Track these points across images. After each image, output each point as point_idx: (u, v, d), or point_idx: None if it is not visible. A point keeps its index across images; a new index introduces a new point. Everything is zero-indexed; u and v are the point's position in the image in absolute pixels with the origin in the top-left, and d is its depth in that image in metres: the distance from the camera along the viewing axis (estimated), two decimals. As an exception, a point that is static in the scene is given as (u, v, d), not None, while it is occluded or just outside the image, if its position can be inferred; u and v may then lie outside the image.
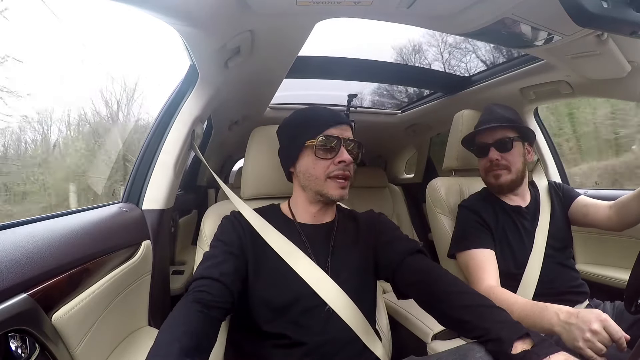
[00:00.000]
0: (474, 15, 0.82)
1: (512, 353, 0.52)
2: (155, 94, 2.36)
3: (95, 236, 0.75)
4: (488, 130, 1.09)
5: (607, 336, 0.61)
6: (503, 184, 1.08)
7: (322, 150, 0.75)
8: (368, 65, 1.56)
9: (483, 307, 0.61)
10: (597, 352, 0.60)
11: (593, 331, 0.61)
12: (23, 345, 0.49)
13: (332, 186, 0.75)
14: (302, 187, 0.80)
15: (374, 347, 0.74)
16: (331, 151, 0.75)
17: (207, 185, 2.71)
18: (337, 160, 0.74)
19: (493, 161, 1.07)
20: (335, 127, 0.76)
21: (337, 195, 0.75)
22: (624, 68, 1.05)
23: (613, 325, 0.61)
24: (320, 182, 0.75)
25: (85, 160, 2.35)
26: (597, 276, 1.33)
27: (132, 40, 2.04)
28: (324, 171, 0.75)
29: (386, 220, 0.87)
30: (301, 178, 0.79)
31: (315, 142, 0.75)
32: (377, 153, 2.90)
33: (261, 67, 1.15)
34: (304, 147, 0.77)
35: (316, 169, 0.75)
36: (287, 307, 0.71)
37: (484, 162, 1.11)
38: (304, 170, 0.78)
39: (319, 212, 0.81)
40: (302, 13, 0.82)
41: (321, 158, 0.75)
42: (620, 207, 1.01)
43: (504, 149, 1.06)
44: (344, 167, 0.75)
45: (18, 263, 0.52)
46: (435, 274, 0.70)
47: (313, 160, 0.76)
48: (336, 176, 0.75)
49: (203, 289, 0.63)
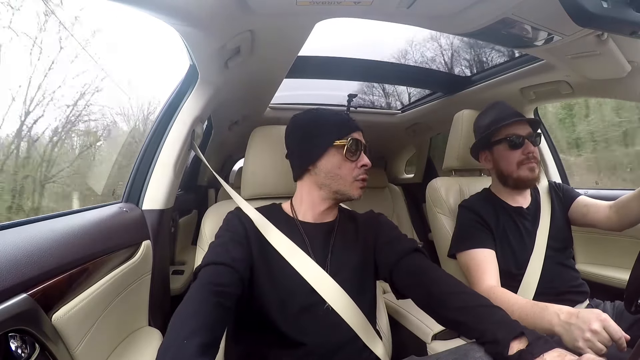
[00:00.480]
0: (474, 15, 0.82)
1: (509, 355, 0.52)
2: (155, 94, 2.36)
3: (95, 236, 0.75)
4: (515, 123, 1.07)
5: (607, 336, 0.61)
6: (537, 177, 1.06)
7: (351, 152, 0.77)
8: (368, 65, 1.56)
9: (479, 308, 0.61)
10: (597, 352, 0.60)
11: (593, 331, 0.61)
12: (23, 345, 0.49)
13: (356, 187, 0.78)
14: (319, 186, 0.79)
15: (374, 347, 0.75)
16: (355, 154, 0.77)
17: (207, 185, 2.71)
18: (360, 163, 0.77)
19: (530, 153, 1.04)
20: (357, 132, 0.79)
21: (358, 195, 0.79)
22: (624, 68, 1.05)
23: (613, 325, 0.61)
24: (345, 183, 0.77)
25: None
26: (597, 276, 1.33)
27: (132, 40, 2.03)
28: (351, 173, 0.77)
29: (385, 220, 0.87)
30: (322, 176, 0.78)
31: (346, 143, 0.76)
32: (377, 153, 2.90)
33: (261, 67, 1.15)
34: (331, 146, 0.77)
35: (342, 169, 0.77)
36: (286, 305, 0.71)
37: (517, 154, 1.06)
38: (327, 169, 0.77)
39: (325, 211, 0.82)
40: (302, 13, 0.82)
41: (349, 159, 0.77)
42: (620, 207, 1.01)
43: (535, 143, 1.06)
44: (365, 171, 0.79)
45: (18, 263, 0.52)
46: (432, 275, 0.70)
47: (340, 161, 0.77)
48: (362, 179, 0.78)
49: (216, 276, 0.61)
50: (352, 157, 0.77)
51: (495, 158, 1.10)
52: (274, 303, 0.71)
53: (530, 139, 1.05)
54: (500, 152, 1.09)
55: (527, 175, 1.05)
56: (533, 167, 1.05)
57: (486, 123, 1.12)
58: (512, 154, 1.06)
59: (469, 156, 1.23)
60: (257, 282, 0.72)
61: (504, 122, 1.07)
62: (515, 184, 1.08)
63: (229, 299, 0.60)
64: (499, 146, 1.09)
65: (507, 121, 1.06)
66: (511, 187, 1.10)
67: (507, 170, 1.08)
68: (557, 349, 0.51)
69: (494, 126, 1.08)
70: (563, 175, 1.61)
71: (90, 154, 2.16)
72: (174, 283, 1.63)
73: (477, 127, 1.17)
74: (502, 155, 1.08)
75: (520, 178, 1.06)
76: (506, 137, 1.06)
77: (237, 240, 0.72)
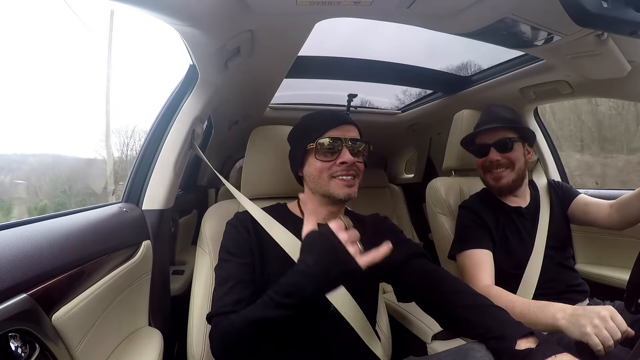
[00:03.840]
0: (474, 15, 0.81)
1: (516, 349, 0.52)
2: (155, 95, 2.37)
3: (95, 236, 0.75)
4: (489, 130, 1.08)
5: (613, 325, 0.60)
6: (503, 185, 1.07)
7: (322, 153, 0.75)
8: (368, 65, 1.56)
9: (485, 307, 0.61)
10: (604, 342, 0.59)
11: (601, 317, 0.61)
12: (23, 345, 0.49)
13: (337, 185, 0.75)
14: (312, 191, 0.80)
15: (375, 348, 0.75)
16: (333, 153, 0.75)
17: (207, 185, 2.70)
18: (339, 161, 0.74)
19: (493, 162, 1.06)
20: (337, 128, 0.76)
21: (343, 193, 0.74)
22: (624, 68, 1.05)
23: (620, 318, 0.62)
24: (324, 184, 0.76)
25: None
26: (597, 276, 1.33)
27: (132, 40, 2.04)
28: (327, 173, 0.75)
29: (391, 223, 0.87)
30: (308, 182, 0.80)
31: (315, 145, 0.75)
32: (377, 153, 2.90)
33: (261, 67, 1.15)
34: (306, 151, 0.77)
35: (319, 171, 0.76)
36: None
37: (483, 162, 1.10)
38: (310, 174, 0.78)
39: (330, 215, 0.80)
40: (302, 13, 0.82)
41: (322, 160, 0.75)
42: (621, 206, 1.01)
43: (505, 149, 1.06)
44: (347, 168, 0.74)
45: (18, 263, 0.52)
46: (437, 276, 0.70)
47: (315, 164, 0.76)
48: (339, 176, 0.74)
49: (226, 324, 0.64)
50: (326, 157, 0.75)
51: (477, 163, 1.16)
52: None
53: (499, 145, 1.06)
54: (476, 159, 1.15)
55: (491, 184, 1.10)
56: (498, 177, 1.07)
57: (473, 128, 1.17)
58: (479, 162, 1.12)
59: (469, 156, 1.23)
60: (261, 282, 0.72)
61: (478, 129, 1.12)
62: (491, 190, 1.13)
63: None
64: (475, 152, 1.15)
65: (479, 128, 1.11)
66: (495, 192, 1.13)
67: (480, 175, 1.14)
68: (567, 354, 0.51)
69: (470, 134, 1.15)
70: (563, 175, 1.61)
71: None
72: (174, 283, 1.62)
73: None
74: (476, 161, 1.14)
75: (489, 186, 1.12)
76: (477, 144, 1.12)
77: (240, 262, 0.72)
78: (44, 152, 3.17)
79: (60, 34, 1.52)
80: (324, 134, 0.76)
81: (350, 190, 0.75)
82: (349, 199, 0.77)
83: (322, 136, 0.75)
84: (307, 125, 0.80)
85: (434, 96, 1.92)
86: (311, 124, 0.79)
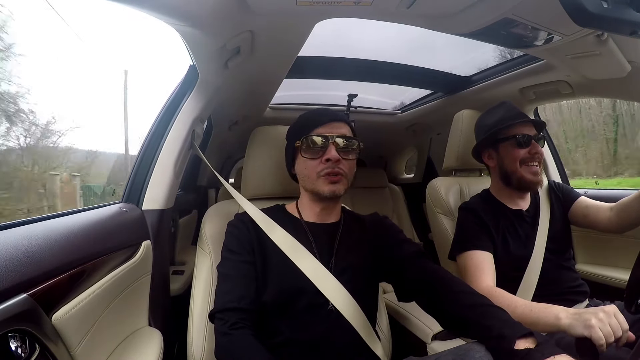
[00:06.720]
0: (474, 15, 0.81)
1: (515, 349, 0.52)
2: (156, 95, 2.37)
3: (95, 236, 0.75)
4: (524, 123, 1.06)
5: (617, 322, 0.60)
6: (540, 182, 1.05)
7: (308, 151, 0.76)
8: (368, 65, 1.56)
9: (485, 307, 0.61)
10: (607, 337, 0.59)
11: (606, 312, 0.61)
12: (23, 345, 0.49)
13: (322, 183, 0.75)
14: (304, 189, 0.82)
15: (375, 347, 0.75)
16: (319, 150, 0.75)
17: (207, 185, 2.70)
18: (324, 158, 0.74)
19: (536, 153, 1.03)
20: (325, 125, 0.77)
21: (327, 190, 0.74)
22: (624, 68, 1.05)
23: (622, 317, 0.62)
24: (312, 181, 0.77)
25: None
26: (597, 276, 1.33)
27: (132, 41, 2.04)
28: (315, 170, 0.76)
29: (390, 223, 0.88)
30: (301, 180, 0.81)
31: (300, 143, 0.77)
32: (377, 153, 2.90)
33: (261, 67, 1.15)
34: (295, 149, 0.79)
35: (307, 169, 0.77)
36: (290, 304, 0.71)
37: (522, 153, 1.04)
38: (299, 172, 0.80)
39: (322, 212, 0.82)
40: (302, 13, 0.82)
41: (308, 158, 0.76)
42: (620, 210, 1.01)
43: (541, 145, 1.06)
44: (332, 165, 0.74)
45: (18, 263, 0.52)
46: (438, 276, 0.70)
47: (302, 161, 0.77)
48: (326, 174, 0.74)
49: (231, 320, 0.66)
50: (312, 155, 0.76)
51: (501, 156, 1.09)
52: (277, 302, 0.71)
53: (538, 139, 1.05)
54: (507, 150, 1.07)
55: (529, 179, 1.04)
56: (536, 171, 1.04)
57: (493, 121, 1.11)
58: (518, 152, 1.05)
59: (468, 156, 1.23)
60: (261, 283, 0.72)
61: (513, 120, 1.06)
62: (519, 183, 1.06)
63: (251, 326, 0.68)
64: (506, 144, 1.07)
65: (516, 120, 1.06)
66: (513, 188, 1.08)
67: (510, 169, 1.07)
68: (565, 355, 0.50)
69: (502, 124, 1.07)
70: (563, 176, 1.61)
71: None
72: (174, 283, 1.62)
73: (482, 125, 1.15)
74: (508, 153, 1.07)
75: (524, 179, 1.05)
76: (514, 135, 1.05)
77: (241, 260, 0.74)
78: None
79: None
80: (312, 132, 0.76)
81: (335, 187, 0.75)
82: (334, 197, 0.76)
83: (310, 133, 0.76)
84: (298, 123, 0.82)
85: (434, 96, 1.92)
86: (301, 122, 0.81)
